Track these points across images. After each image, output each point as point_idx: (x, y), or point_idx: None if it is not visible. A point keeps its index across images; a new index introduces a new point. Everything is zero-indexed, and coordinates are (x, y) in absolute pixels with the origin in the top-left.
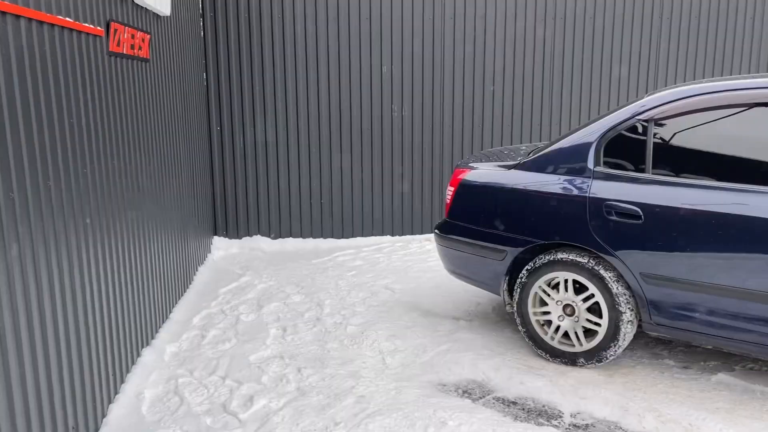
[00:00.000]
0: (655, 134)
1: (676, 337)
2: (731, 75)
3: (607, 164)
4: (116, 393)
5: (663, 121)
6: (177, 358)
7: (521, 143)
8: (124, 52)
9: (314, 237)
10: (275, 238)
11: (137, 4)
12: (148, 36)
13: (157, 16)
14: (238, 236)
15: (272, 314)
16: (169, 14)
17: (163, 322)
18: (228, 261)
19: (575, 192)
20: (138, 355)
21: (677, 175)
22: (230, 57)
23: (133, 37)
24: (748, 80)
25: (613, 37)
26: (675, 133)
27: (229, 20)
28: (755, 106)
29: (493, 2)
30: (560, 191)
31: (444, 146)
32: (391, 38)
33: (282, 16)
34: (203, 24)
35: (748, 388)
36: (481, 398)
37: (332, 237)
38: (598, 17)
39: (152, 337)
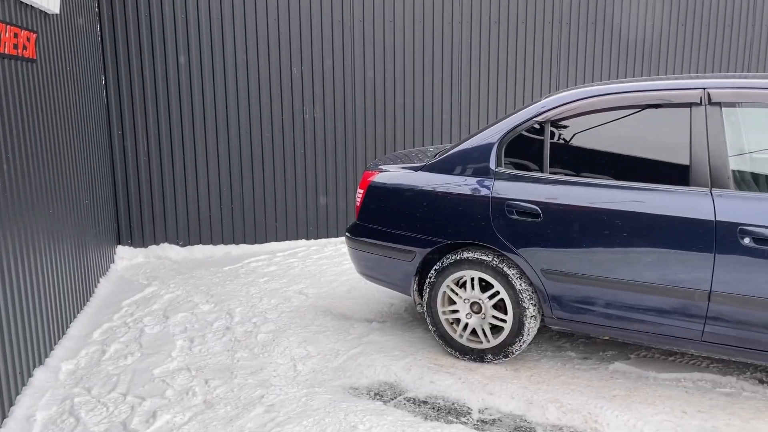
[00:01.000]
0: (552, 135)
1: (577, 330)
2: (626, 78)
3: (508, 164)
4: (4, 417)
5: (560, 122)
6: (74, 376)
7: (434, 144)
8: (6, 51)
9: (225, 243)
10: (184, 245)
11: (20, 1)
12: (35, 35)
13: (44, 14)
14: (144, 245)
15: (179, 325)
16: (57, 12)
17: (59, 338)
18: (132, 271)
19: (478, 192)
20: (29, 375)
21: (573, 175)
22: (131, 59)
23: (16, 36)
24: (640, 83)
25: (517, 40)
26: (572, 134)
27: (128, 21)
28: (647, 108)
29: (401, 5)
30: (464, 192)
31: (358, 148)
32: (300, 40)
33: (186, 17)
34: (100, 25)
35: (642, 375)
36: (392, 399)
37: (245, 243)
38: (503, 22)
39: (46, 356)
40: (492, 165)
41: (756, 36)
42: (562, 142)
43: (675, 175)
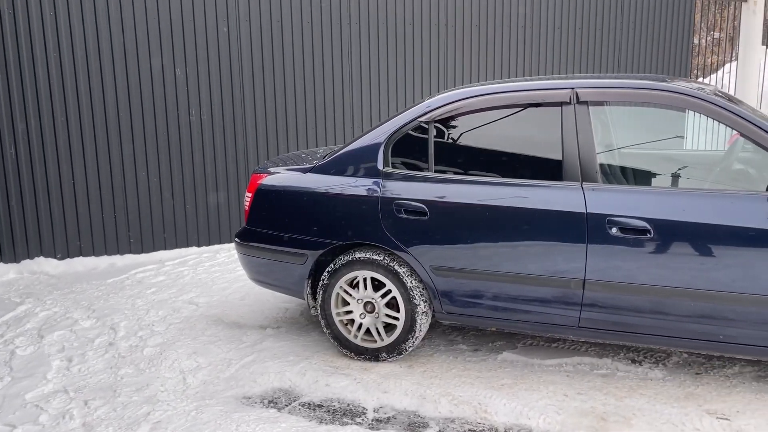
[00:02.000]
0: (437, 134)
1: (467, 323)
2: (509, 78)
3: (396, 164)
4: None
5: (444, 122)
6: None
7: (327, 146)
8: None
9: (109, 254)
10: (62, 258)
11: None
12: None
13: None
14: (16, 259)
15: (56, 344)
16: None
17: None
18: (3, 289)
19: (367, 192)
20: None
21: (458, 173)
22: None
23: None
24: (516, 83)
25: (405, 41)
26: (455, 133)
27: None
28: (523, 107)
29: (288, 5)
30: (353, 192)
31: (249, 150)
32: (184, 39)
33: (55, 13)
34: None
35: (528, 363)
36: (286, 406)
37: (130, 252)
38: (390, 23)
39: None
40: (380, 165)
41: (624, 39)
42: (447, 141)
43: (550, 170)
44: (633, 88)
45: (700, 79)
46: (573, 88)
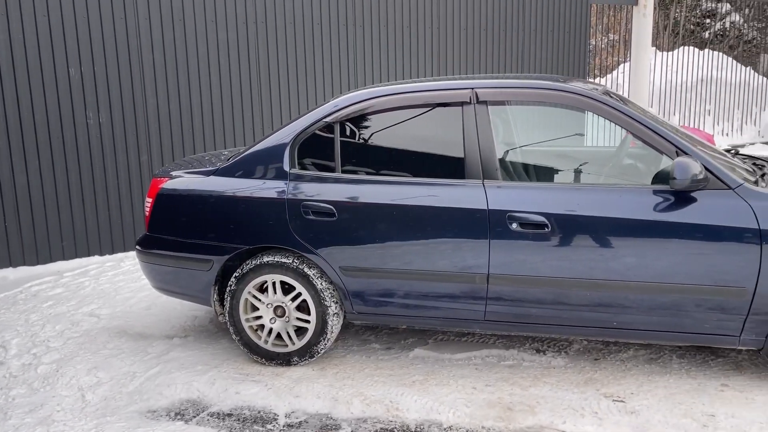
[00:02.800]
0: (343, 134)
1: (378, 322)
2: (417, 78)
3: (303, 165)
4: None
5: (350, 122)
6: None
7: (236, 147)
8: None
9: (1, 267)
10: None
11: None
12: None
13: None
14: None
15: None
16: None
17: None
18: None
19: (274, 194)
20: None
21: (365, 173)
22: None
23: None
24: (419, 83)
25: (314, 41)
26: (361, 133)
27: None
28: (426, 107)
29: (191, 4)
30: (259, 195)
31: (153, 153)
32: (77, 37)
33: None
34: None
35: (439, 358)
36: (194, 417)
37: (25, 265)
38: (298, 23)
39: None
40: (286, 166)
41: (526, 41)
42: (354, 141)
43: (454, 169)
44: (529, 88)
45: (597, 80)
46: (473, 89)
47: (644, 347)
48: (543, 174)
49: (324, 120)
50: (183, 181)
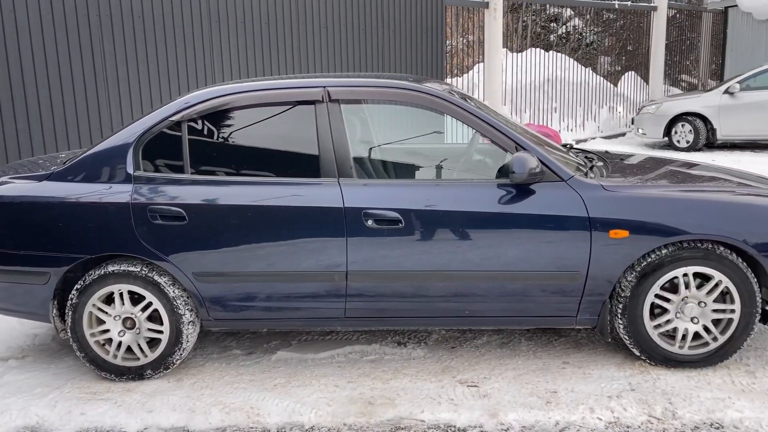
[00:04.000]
0: (192, 133)
1: (237, 327)
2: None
3: (150, 167)
4: None
5: (201, 120)
6: None
7: (76, 149)
8: None
9: None
10: None
11: None
12: None
13: None
14: None
15: None
16: None
17: None
18: None
19: (117, 199)
20: None
21: (216, 174)
22: None
23: None
24: (270, 81)
25: (165, 36)
26: (212, 132)
27: None
28: (278, 105)
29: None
30: (101, 199)
31: None
32: None
33: None
34: None
35: (302, 359)
36: None
37: None
38: (147, 17)
39: None
40: (130, 168)
41: (385, 41)
42: (204, 140)
43: (309, 168)
44: (379, 87)
45: (455, 79)
46: (324, 87)
47: (497, 333)
48: (399, 171)
49: (171, 118)
50: (12, 187)
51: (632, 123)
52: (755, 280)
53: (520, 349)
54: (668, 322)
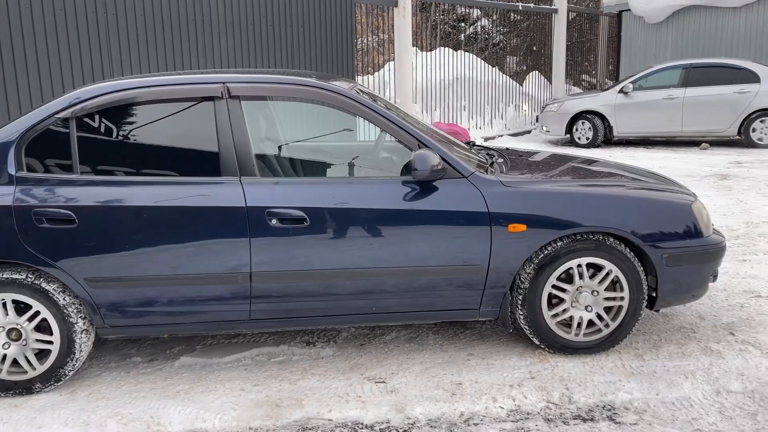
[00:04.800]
0: (82, 130)
1: (136, 335)
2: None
3: (35, 167)
4: None
5: (94, 116)
6: None
7: None
8: None
9: None
10: None
11: None
12: None
13: None
14: None
15: None
16: None
17: None
18: None
19: None
20: None
21: (109, 173)
22: None
23: None
24: (166, 77)
25: (56, 28)
26: (104, 130)
27: None
28: (183, 101)
29: None
30: None
31: None
32: None
33: None
34: None
35: (206, 364)
36: None
37: None
38: (36, 6)
39: None
40: (12, 168)
41: (295, 38)
42: (96, 138)
43: (209, 166)
44: (282, 84)
45: (366, 77)
46: (224, 83)
47: (405, 328)
48: (305, 169)
49: (57, 115)
50: None
51: (537, 121)
52: (642, 268)
53: (428, 343)
54: (565, 311)
